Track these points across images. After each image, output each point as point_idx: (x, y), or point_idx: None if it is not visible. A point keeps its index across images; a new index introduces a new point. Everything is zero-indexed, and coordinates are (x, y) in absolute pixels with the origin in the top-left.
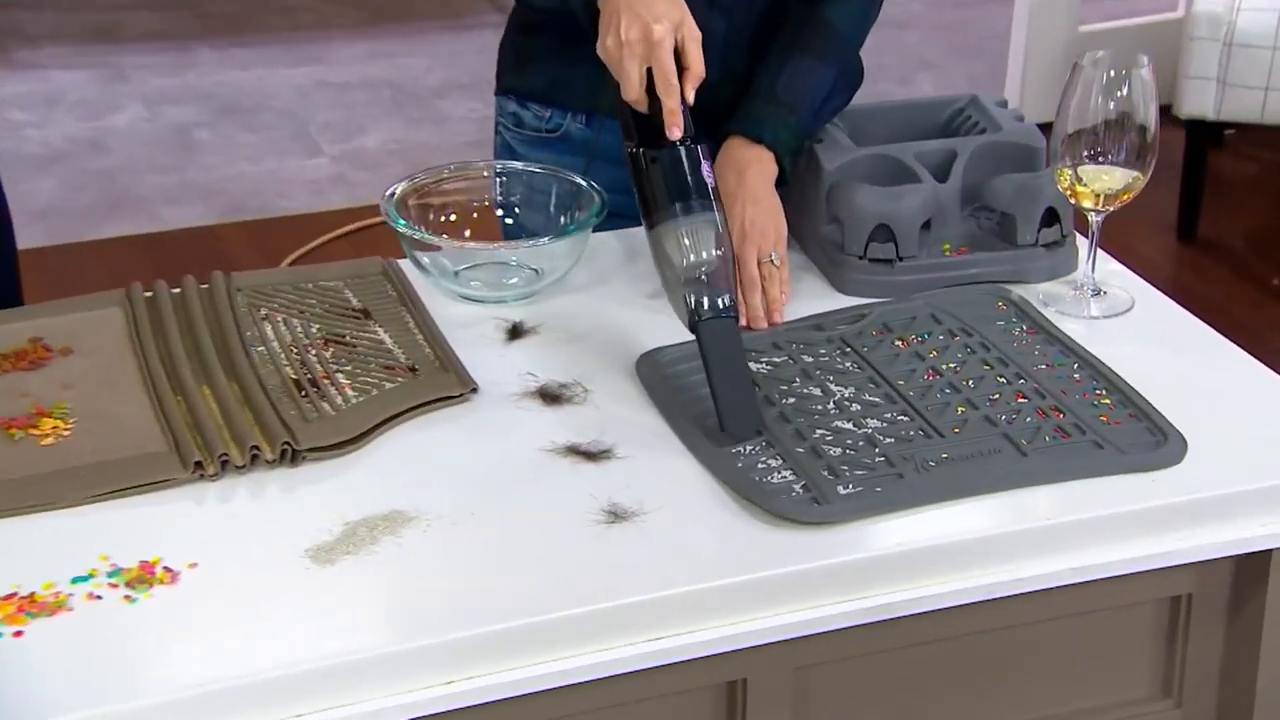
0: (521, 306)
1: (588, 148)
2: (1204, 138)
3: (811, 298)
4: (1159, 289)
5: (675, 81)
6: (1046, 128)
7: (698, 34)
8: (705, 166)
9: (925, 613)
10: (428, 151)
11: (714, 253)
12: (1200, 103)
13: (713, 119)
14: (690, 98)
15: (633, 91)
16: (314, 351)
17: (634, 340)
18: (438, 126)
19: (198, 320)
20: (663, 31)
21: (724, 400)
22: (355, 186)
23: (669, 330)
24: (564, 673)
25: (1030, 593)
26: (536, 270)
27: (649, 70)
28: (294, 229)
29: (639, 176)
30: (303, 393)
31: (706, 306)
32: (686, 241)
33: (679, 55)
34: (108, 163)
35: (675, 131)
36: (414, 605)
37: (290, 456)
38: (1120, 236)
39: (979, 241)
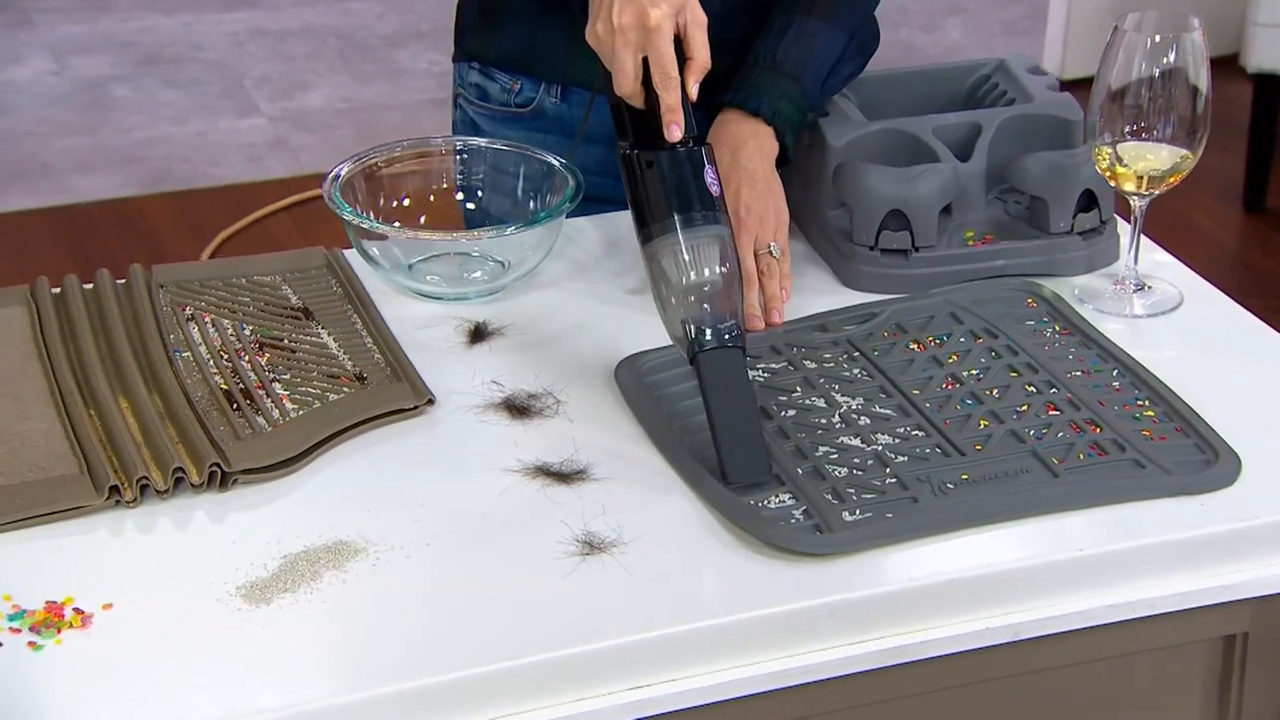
0: (485, 304)
1: (564, 125)
2: (1275, 94)
3: (815, 294)
4: (1221, 265)
5: (675, 74)
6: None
7: (703, 18)
8: (709, 172)
9: (942, 656)
10: (381, 111)
11: (718, 271)
12: (1272, 54)
13: (706, 90)
14: (693, 92)
15: (627, 85)
16: (247, 358)
17: (613, 343)
18: (392, 82)
19: (113, 322)
20: (660, 16)
21: (727, 444)
22: (298, 151)
23: (653, 332)
24: None
25: (1062, 633)
26: (503, 263)
27: (645, 60)
28: (226, 201)
29: (632, 182)
30: (234, 406)
31: (709, 335)
32: (686, 258)
33: (680, 43)
34: (7, 124)
35: (675, 131)
36: (361, 650)
37: (220, 480)
38: (1176, 208)
39: (1006, 229)
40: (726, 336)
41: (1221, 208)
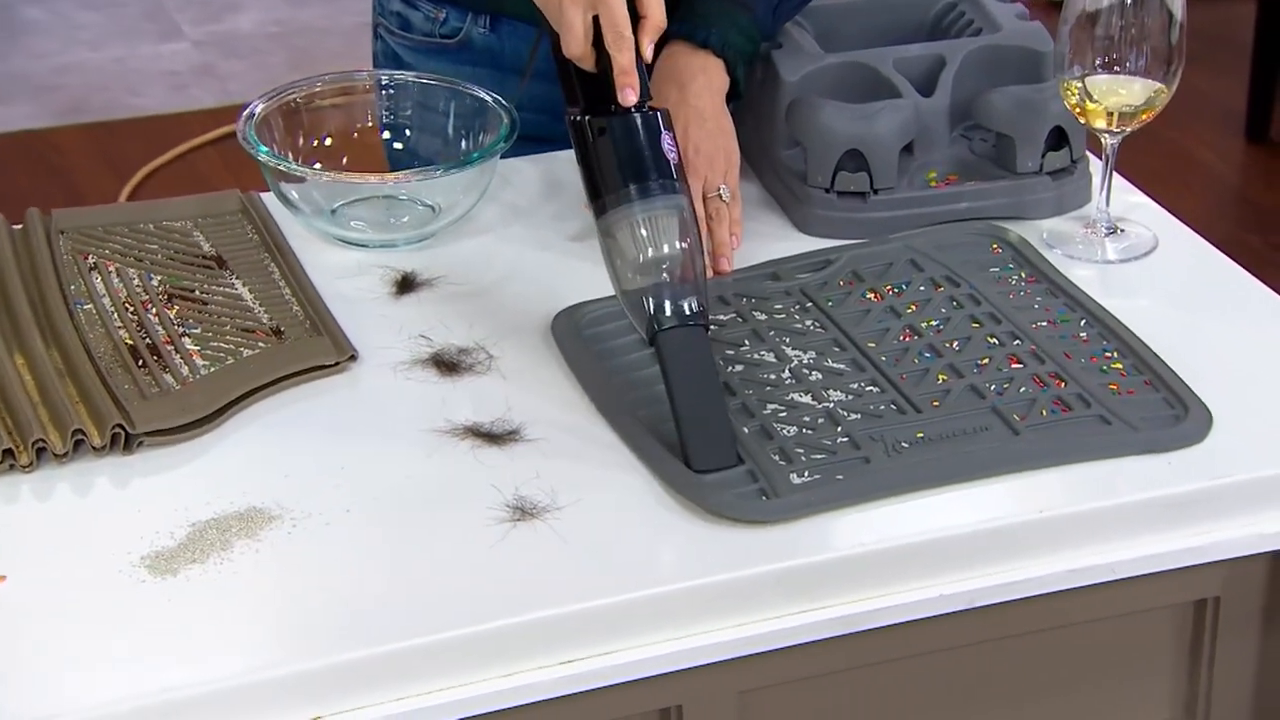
0: (414, 252)
1: (494, 58)
2: None
3: (766, 239)
4: (1220, 200)
5: (628, 33)
6: None
7: None
8: (666, 138)
9: (895, 625)
10: (317, 36)
11: (678, 246)
12: None
13: None
14: (647, 53)
15: (576, 45)
16: (154, 310)
17: (552, 294)
18: (330, 4)
19: (8, 271)
20: None
21: (690, 428)
22: (225, 79)
23: (594, 281)
24: (458, 703)
25: (1022, 600)
26: (432, 207)
27: (595, 19)
28: (148, 134)
29: (584, 150)
30: (140, 362)
31: (669, 312)
32: (644, 232)
33: (633, 0)
34: None
35: (629, 95)
36: (275, 625)
37: (124, 442)
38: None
39: (971, 169)
40: (688, 314)
41: (1221, 138)
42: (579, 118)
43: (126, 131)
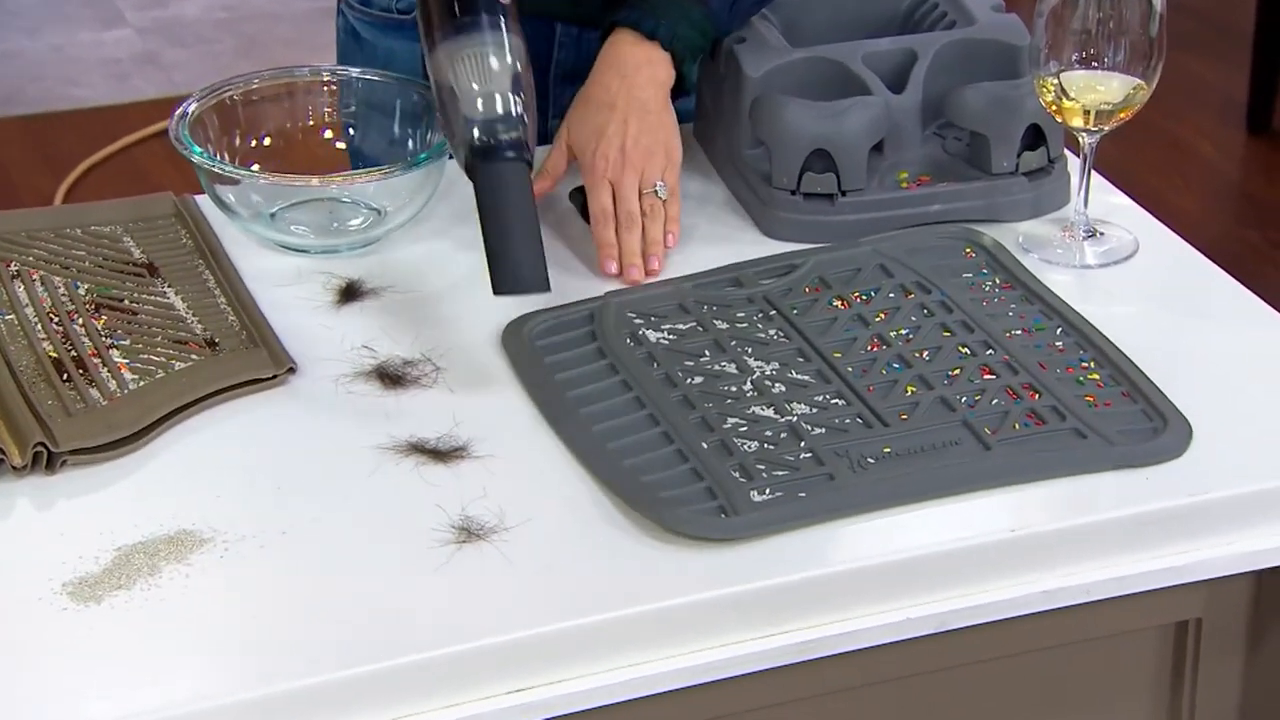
0: (358, 258)
1: None
2: None
3: (729, 243)
4: (1219, 195)
5: None
6: None
7: None
8: None
9: (861, 650)
10: (267, 22)
11: (508, 83)
12: None
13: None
14: None
15: None
16: (81, 320)
17: (500, 303)
18: None
19: None
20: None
21: (499, 253)
22: (170, 69)
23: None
24: None
25: (993, 623)
26: (378, 210)
27: None
28: (87, 127)
29: None
30: (65, 376)
31: (491, 142)
32: (471, 65)
33: None
34: None
35: None
36: (206, 655)
37: (46, 461)
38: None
39: (944, 170)
40: (512, 148)
41: (1221, 129)
42: None
43: (64, 124)
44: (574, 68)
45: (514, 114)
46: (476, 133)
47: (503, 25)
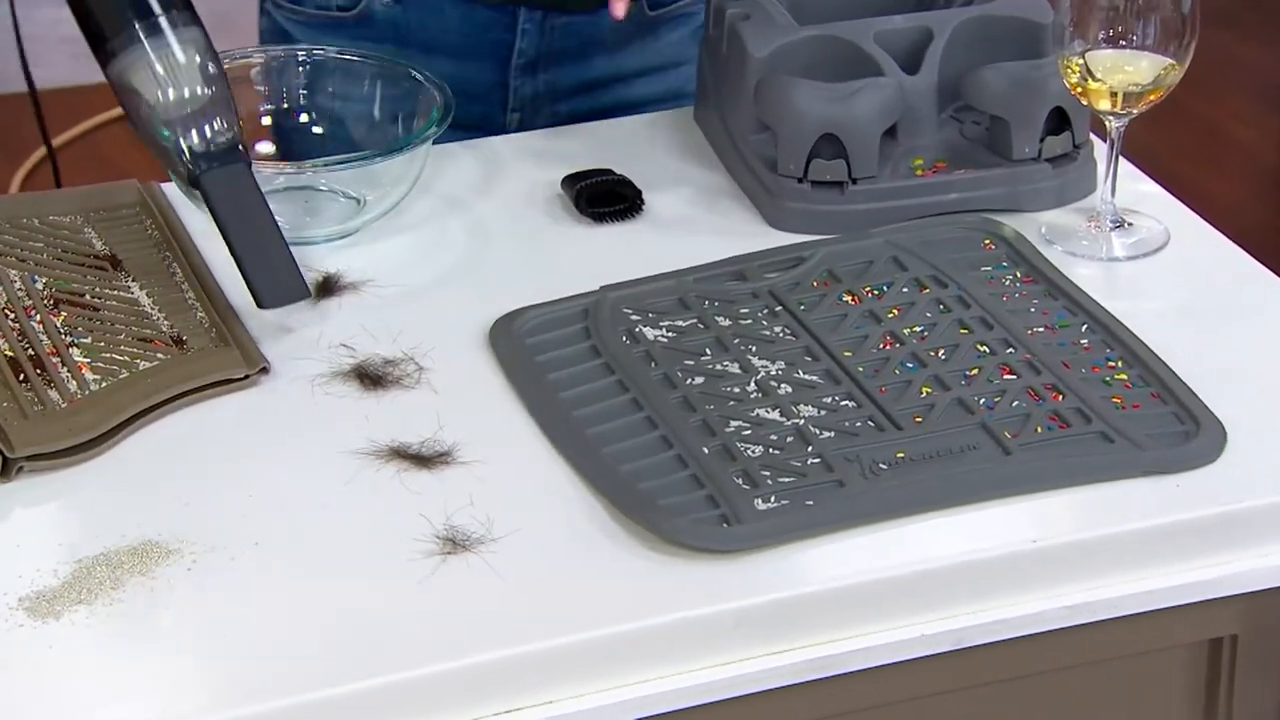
0: (335, 250)
1: (399, 34)
2: None
3: (731, 235)
4: (1258, 183)
5: None
6: None
7: None
8: None
9: (872, 669)
10: None
11: (203, 82)
12: None
13: None
14: None
15: None
16: (39, 316)
17: (488, 298)
18: None
19: None
20: None
21: (254, 267)
22: None
23: (537, 284)
24: None
25: (1013, 640)
26: (357, 199)
27: None
28: (47, 110)
29: None
30: (21, 376)
31: (208, 152)
32: (160, 70)
33: None
34: None
35: None
36: (173, 675)
37: (1, 467)
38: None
39: (961, 156)
40: (229, 151)
41: (1259, 112)
42: None
43: (20, 107)
44: (536, 56)
45: (225, 112)
46: (190, 143)
47: (188, 17)
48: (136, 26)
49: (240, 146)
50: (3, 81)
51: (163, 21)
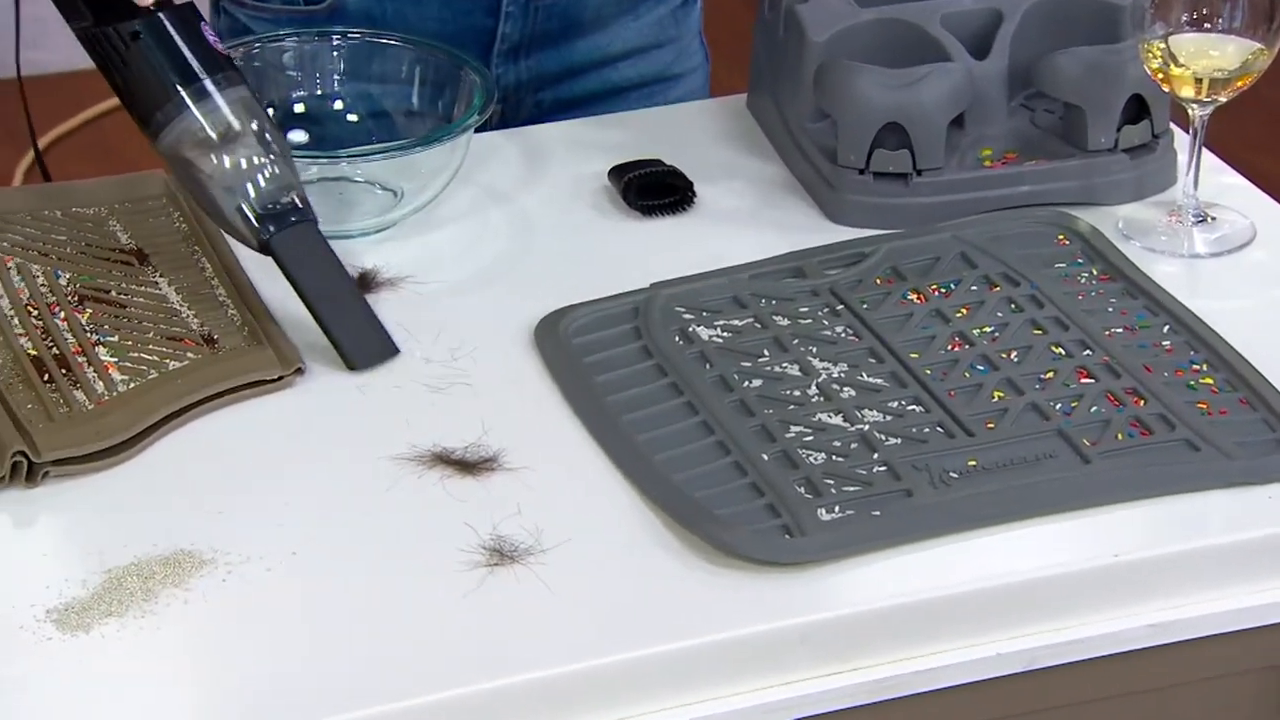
0: (372, 245)
1: (375, 25)
2: None
3: (789, 229)
4: None
5: None
6: None
7: None
8: (207, 28)
9: (942, 690)
10: None
11: (257, 143)
12: None
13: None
14: None
15: None
16: (63, 313)
17: (533, 295)
18: None
19: None
20: None
21: (340, 329)
22: None
23: (584, 280)
24: None
25: (1091, 660)
26: (395, 191)
27: None
28: (51, 95)
29: (114, 66)
30: (46, 376)
31: (274, 215)
32: (212, 135)
33: None
34: None
35: None
36: (207, 690)
37: (26, 472)
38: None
39: (1033, 146)
40: (293, 210)
41: None
42: (96, 29)
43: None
44: (519, 42)
45: (280, 173)
46: (255, 208)
47: (238, 79)
48: (183, 94)
49: (304, 202)
50: (3, 66)
51: (208, 85)
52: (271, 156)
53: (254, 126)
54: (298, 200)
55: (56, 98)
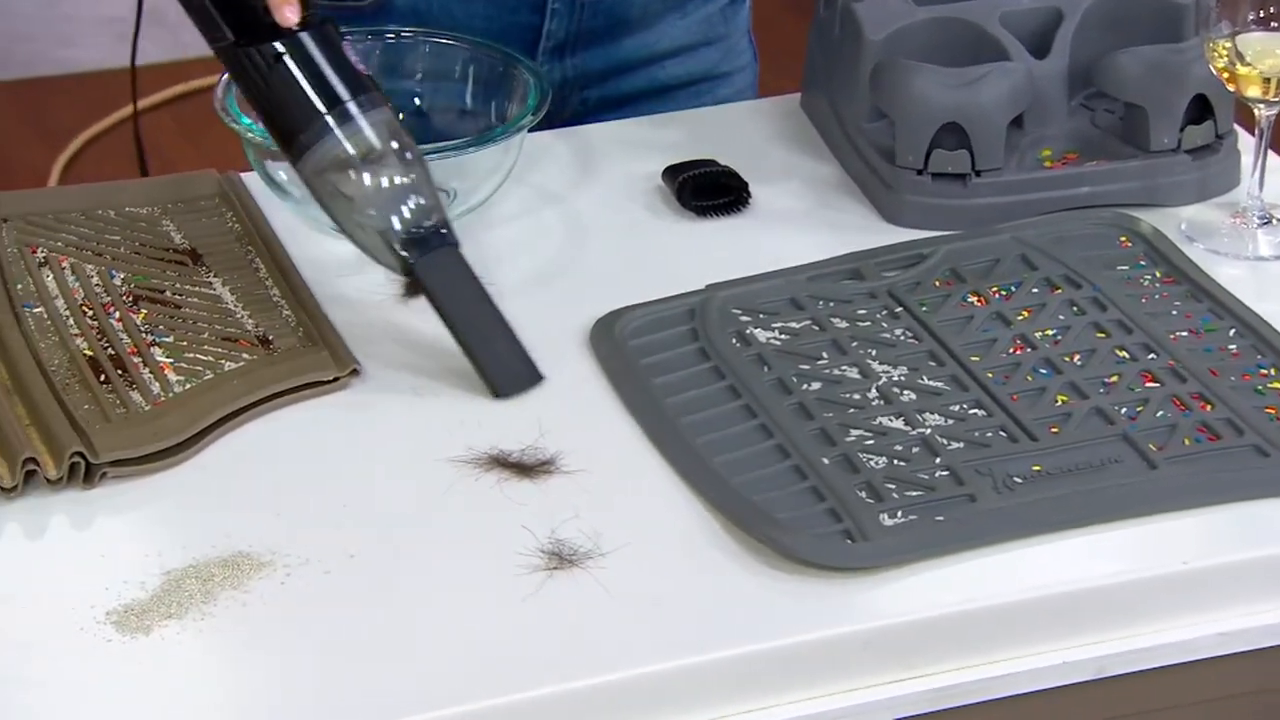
0: None
1: (421, 22)
2: None
3: (847, 230)
4: None
5: None
6: None
7: None
8: (349, 47)
9: (1008, 698)
10: None
11: (401, 165)
12: None
13: None
14: None
15: None
16: (118, 314)
17: (588, 297)
18: None
19: None
20: None
21: (486, 355)
22: (178, 29)
23: (639, 281)
24: None
25: (1161, 669)
26: (448, 192)
27: None
28: (85, 94)
29: (257, 87)
30: (102, 377)
31: (420, 238)
32: (356, 157)
33: None
34: None
35: (288, 13)
36: (266, 693)
37: (84, 473)
38: None
39: (1094, 146)
40: (436, 234)
41: None
42: (237, 47)
43: (58, 91)
44: (565, 39)
45: (426, 191)
46: (400, 233)
47: (380, 100)
48: (326, 117)
49: (447, 227)
50: (37, 64)
51: (352, 108)
52: (415, 179)
53: (396, 148)
54: (441, 224)
55: (92, 95)
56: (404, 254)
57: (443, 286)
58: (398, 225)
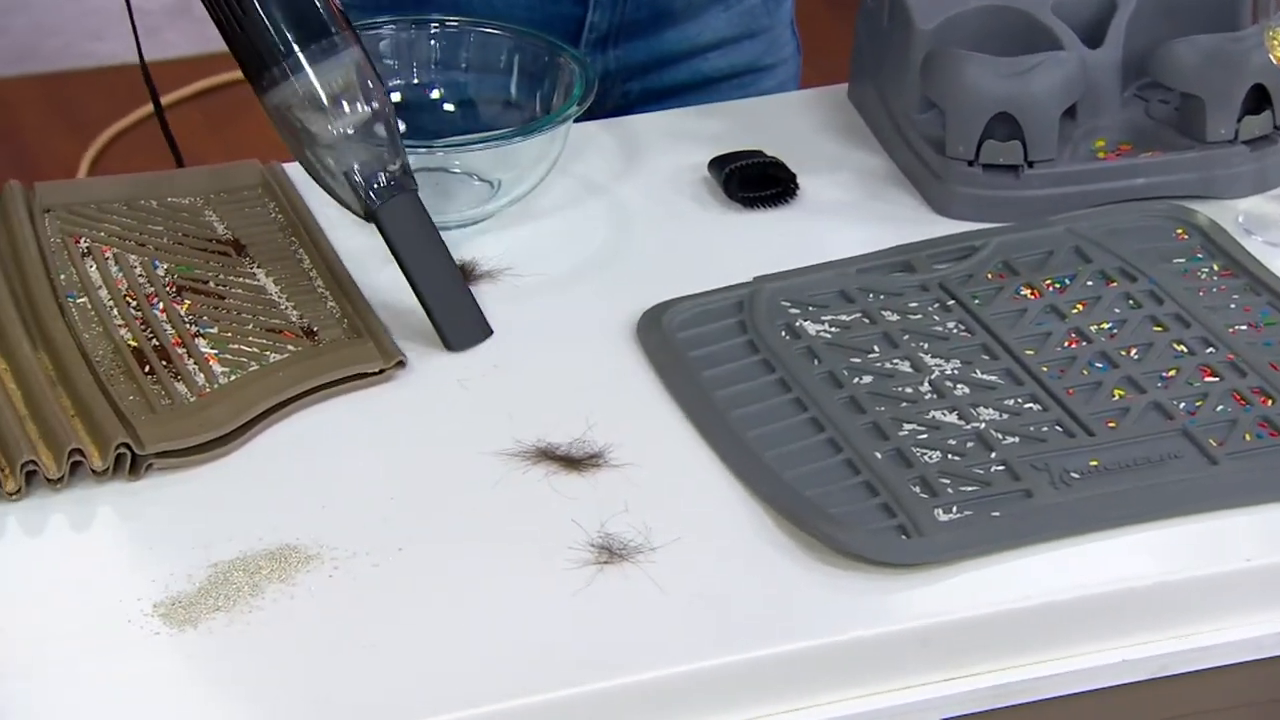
0: (469, 237)
1: (461, 11)
2: None
3: (897, 222)
4: None
5: None
6: None
7: None
8: None
9: (1066, 696)
10: None
11: (369, 106)
12: None
13: None
14: None
15: None
16: (162, 304)
17: (634, 288)
18: None
19: None
20: None
21: (438, 305)
22: (206, 21)
23: (687, 272)
24: None
25: (1222, 667)
26: (492, 183)
27: None
28: (114, 87)
29: (228, 21)
30: (147, 368)
31: (381, 183)
32: (323, 96)
33: None
34: None
35: None
36: (315, 686)
37: (130, 464)
38: None
39: (1149, 137)
40: (399, 181)
41: None
42: None
43: (86, 84)
44: (608, 31)
45: (390, 142)
46: (365, 176)
47: (351, 39)
48: (297, 52)
49: (408, 174)
50: (65, 58)
51: (324, 44)
52: (380, 123)
53: (363, 91)
54: (404, 171)
55: (121, 88)
56: (364, 197)
57: (402, 234)
58: (358, 168)
